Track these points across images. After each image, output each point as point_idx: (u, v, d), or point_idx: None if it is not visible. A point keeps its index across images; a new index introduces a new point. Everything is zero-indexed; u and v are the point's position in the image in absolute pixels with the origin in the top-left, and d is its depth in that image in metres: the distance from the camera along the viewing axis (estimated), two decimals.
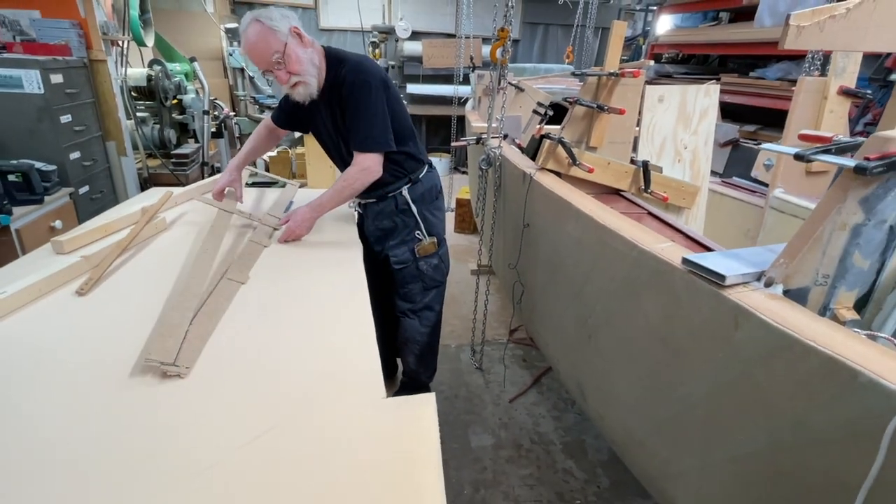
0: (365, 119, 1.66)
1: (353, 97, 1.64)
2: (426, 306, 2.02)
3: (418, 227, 1.89)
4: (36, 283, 1.35)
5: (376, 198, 1.88)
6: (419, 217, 1.87)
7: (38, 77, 2.42)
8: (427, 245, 1.91)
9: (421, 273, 1.94)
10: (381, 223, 1.92)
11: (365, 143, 1.69)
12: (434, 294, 2.03)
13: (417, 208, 1.86)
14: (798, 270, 0.95)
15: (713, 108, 2.11)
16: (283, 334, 1.22)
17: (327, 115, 1.78)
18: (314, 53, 1.65)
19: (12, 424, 0.90)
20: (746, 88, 4.36)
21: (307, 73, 1.62)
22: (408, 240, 1.90)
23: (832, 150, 0.95)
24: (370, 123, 1.66)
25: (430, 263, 1.94)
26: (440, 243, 1.96)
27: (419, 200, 1.87)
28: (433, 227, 1.93)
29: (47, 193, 2.39)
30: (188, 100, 3.95)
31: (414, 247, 1.90)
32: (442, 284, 2.05)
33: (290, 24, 1.60)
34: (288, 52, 1.58)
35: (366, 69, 1.66)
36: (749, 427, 0.95)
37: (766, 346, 0.88)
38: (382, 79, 1.70)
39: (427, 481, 0.80)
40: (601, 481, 1.97)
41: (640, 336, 1.26)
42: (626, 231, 1.28)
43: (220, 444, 0.86)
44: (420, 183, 1.89)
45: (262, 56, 1.59)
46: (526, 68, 5.40)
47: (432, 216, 1.93)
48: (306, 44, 1.63)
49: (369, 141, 1.68)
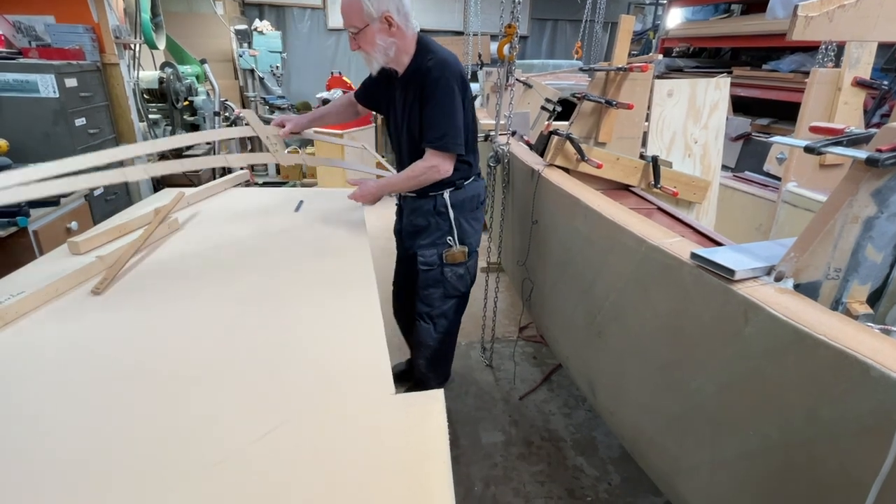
0: (443, 117, 1.65)
1: (435, 93, 1.63)
2: (443, 314, 2.00)
3: (451, 233, 1.85)
4: (53, 283, 1.38)
5: (417, 194, 1.86)
6: (454, 222, 1.84)
7: (54, 81, 2.46)
8: (456, 253, 1.87)
9: (444, 279, 1.91)
10: (415, 219, 1.90)
11: (440, 142, 1.67)
12: (453, 303, 2.00)
13: (455, 214, 1.83)
14: (809, 264, 0.94)
15: (724, 102, 2.09)
16: (291, 331, 1.23)
17: (400, 100, 1.77)
18: (394, 44, 1.64)
19: (31, 421, 0.92)
20: (759, 81, 4.29)
21: (374, 58, 1.66)
22: (438, 243, 1.87)
23: (844, 143, 0.94)
24: (449, 123, 1.65)
25: (455, 272, 1.91)
26: (470, 254, 1.92)
27: (458, 206, 1.84)
28: (466, 235, 1.89)
29: (63, 195, 2.44)
30: (199, 101, 4.00)
31: (443, 251, 1.87)
32: (464, 296, 2.02)
33: (385, 8, 1.57)
34: (365, 32, 1.60)
35: (451, 67, 1.66)
36: (760, 422, 0.95)
37: (776, 341, 0.87)
38: (463, 81, 1.70)
39: (436, 477, 0.81)
40: (612, 478, 1.97)
41: (650, 332, 1.26)
42: (635, 227, 1.28)
43: (231, 441, 0.88)
44: (463, 189, 1.85)
45: (345, 18, 1.63)
46: (534, 64, 5.37)
47: (468, 224, 1.89)
48: (394, 33, 1.62)
49: (445, 140, 1.66)
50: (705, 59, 5.48)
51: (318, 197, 2.35)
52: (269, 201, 2.33)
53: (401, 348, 2.70)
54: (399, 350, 2.69)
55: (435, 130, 1.66)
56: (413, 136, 1.76)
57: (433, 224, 1.86)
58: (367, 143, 4.90)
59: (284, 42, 6.17)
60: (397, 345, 2.74)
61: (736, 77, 4.36)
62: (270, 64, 5.80)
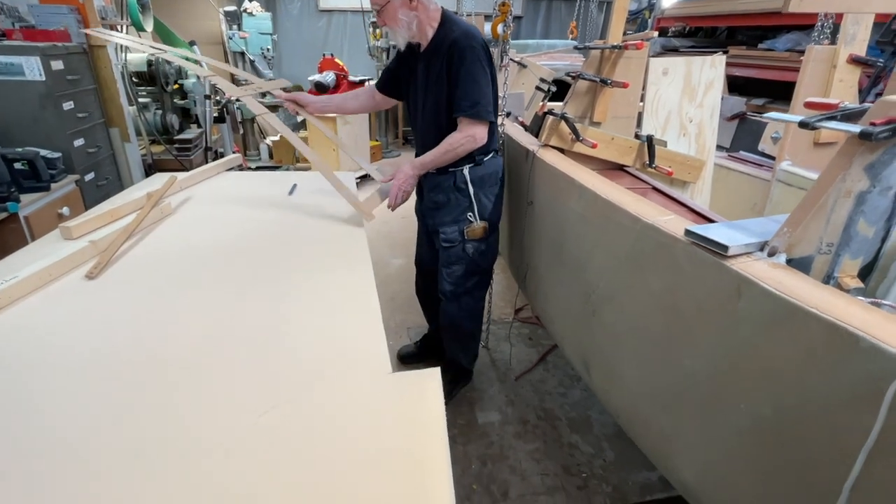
0: (475, 85, 1.65)
1: (464, 62, 1.63)
2: (467, 291, 2.00)
3: (471, 209, 1.85)
4: (46, 268, 1.37)
5: (437, 170, 1.86)
6: (474, 198, 1.84)
7: (39, 64, 2.41)
8: (477, 228, 1.87)
9: (467, 255, 1.91)
10: (435, 196, 1.90)
11: (472, 110, 1.66)
12: (476, 280, 2.01)
13: (474, 190, 1.83)
14: (801, 239, 0.94)
15: (719, 80, 2.08)
16: (288, 313, 1.23)
17: (423, 73, 1.77)
18: (416, 17, 1.67)
19: (25, 405, 0.93)
20: (755, 61, 4.27)
21: (397, 32, 1.69)
22: (459, 219, 1.87)
23: (838, 117, 0.94)
24: (480, 91, 1.66)
25: (477, 247, 1.91)
26: (491, 230, 1.93)
27: (478, 182, 1.83)
28: (486, 211, 1.88)
29: (53, 181, 2.40)
30: (189, 84, 3.93)
31: (464, 227, 1.87)
32: (486, 273, 2.03)
33: None
34: (387, 8, 1.64)
35: (477, 38, 1.67)
36: (751, 396, 0.96)
37: (768, 315, 0.88)
38: (487, 52, 1.71)
39: (433, 453, 0.81)
40: (607, 455, 2.00)
41: (644, 309, 1.27)
42: (630, 205, 1.28)
43: (228, 423, 0.88)
44: (483, 166, 1.84)
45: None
46: (529, 45, 5.31)
47: (487, 200, 1.88)
48: (415, 7, 1.66)
49: (478, 108, 1.66)
50: (701, 38, 5.43)
51: (312, 180, 2.33)
52: (262, 185, 2.31)
53: (409, 329, 2.72)
54: (407, 332, 2.71)
55: (467, 99, 1.65)
56: (437, 107, 1.76)
57: (453, 200, 1.86)
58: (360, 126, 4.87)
59: (275, 24, 6.05)
60: (403, 326, 2.76)
61: (732, 57, 4.32)
62: (261, 46, 5.69)
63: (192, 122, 4.12)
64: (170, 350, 1.08)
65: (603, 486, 1.86)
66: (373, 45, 6.25)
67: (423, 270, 2.29)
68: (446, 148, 1.72)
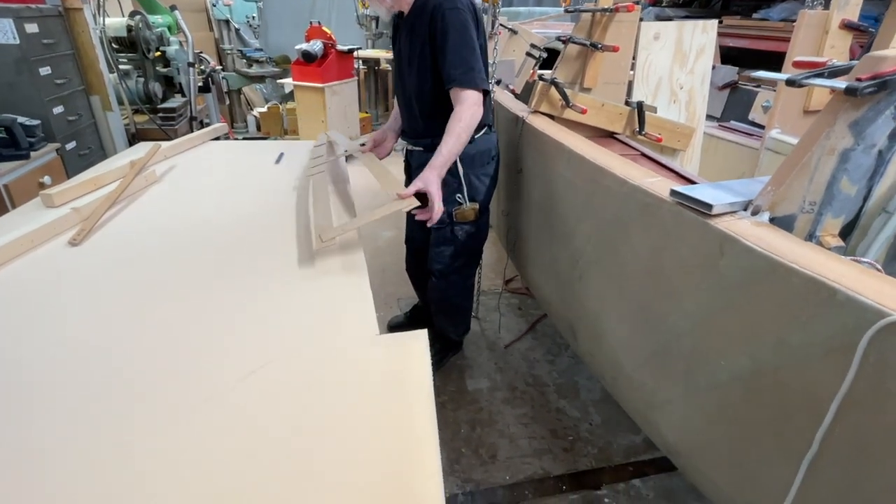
0: (465, 50, 1.53)
1: (449, 27, 1.51)
2: (455, 270, 1.95)
3: (460, 191, 1.75)
4: (28, 234, 1.35)
5: (424, 147, 1.77)
6: (464, 180, 1.74)
7: (13, 26, 2.32)
8: (467, 211, 1.79)
9: (455, 238, 1.85)
10: None
11: (467, 78, 1.52)
12: (464, 260, 1.95)
13: (464, 170, 1.72)
14: (784, 198, 0.95)
15: (710, 46, 2.06)
16: (275, 277, 1.23)
17: (406, 42, 1.67)
18: None
19: (14, 366, 0.93)
20: (749, 31, 4.22)
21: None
22: (448, 201, 1.73)
23: (825, 74, 0.93)
24: (472, 56, 1.53)
25: (465, 230, 1.84)
26: (482, 212, 1.84)
27: (468, 162, 1.72)
28: (477, 192, 1.79)
29: (33, 149, 2.34)
30: (172, 51, 3.81)
31: (452, 210, 1.78)
32: (476, 253, 1.98)
33: None
34: None
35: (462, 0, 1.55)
36: (731, 352, 0.98)
37: (749, 272, 0.90)
38: (475, 11, 1.59)
39: (419, 412, 0.82)
40: (593, 419, 2.05)
41: (630, 272, 1.28)
42: (617, 168, 1.28)
43: (217, 380, 0.89)
44: (474, 143, 1.69)
45: None
46: (521, 12, 5.20)
47: (478, 181, 1.78)
48: None
49: (472, 75, 1.53)
50: (696, 8, 5.34)
51: (298, 149, 2.30)
52: (249, 154, 2.28)
53: (399, 301, 2.73)
54: (397, 303, 2.72)
55: (459, 67, 1.52)
56: (422, 76, 1.65)
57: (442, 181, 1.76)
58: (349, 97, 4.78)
59: None
60: (394, 297, 2.77)
61: (725, 27, 4.27)
62: (246, 14, 5.53)
63: (177, 92, 4.02)
64: (155, 314, 1.08)
65: (588, 449, 1.90)
66: (361, 14, 6.08)
67: (412, 248, 2.25)
68: (460, 129, 1.52)
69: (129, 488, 0.69)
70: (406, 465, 0.73)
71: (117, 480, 0.70)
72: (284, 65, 5.65)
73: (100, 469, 0.72)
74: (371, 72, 6.23)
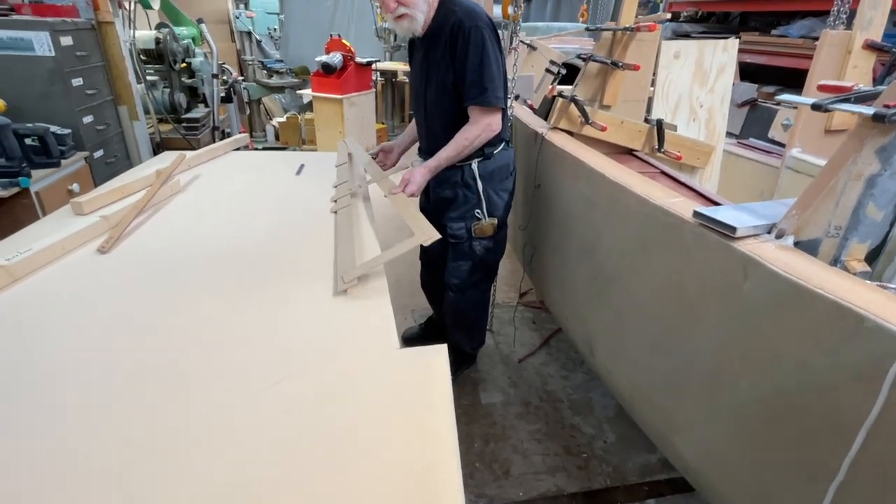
0: (484, 70, 1.55)
1: (470, 46, 1.53)
2: (472, 285, 1.95)
3: (479, 206, 1.76)
4: (59, 241, 1.39)
5: None
6: (483, 195, 1.75)
7: (49, 39, 2.41)
8: (485, 226, 1.80)
9: (473, 253, 1.85)
10: (442, 192, 1.82)
11: (483, 97, 1.57)
12: (481, 275, 1.95)
13: (483, 186, 1.73)
14: (810, 222, 0.95)
15: (731, 65, 2.06)
16: (297, 289, 1.25)
17: (423, 60, 1.69)
18: None
19: (41, 371, 0.95)
20: (768, 47, 4.20)
21: (417, 6, 1.55)
22: (467, 216, 1.79)
23: (851, 100, 0.93)
24: (490, 76, 1.56)
25: (483, 245, 1.84)
26: (500, 226, 1.85)
27: (487, 178, 1.74)
28: (496, 208, 1.80)
29: (63, 157, 2.42)
30: (197, 63, 3.91)
31: (471, 225, 1.79)
32: (493, 268, 1.98)
33: None
34: None
35: (482, 16, 1.57)
36: (753, 375, 0.97)
37: (774, 296, 0.89)
38: (494, 30, 1.61)
39: (440, 426, 0.83)
40: (607, 436, 2.03)
41: (650, 291, 1.28)
42: (638, 187, 1.28)
43: (240, 390, 0.91)
44: (493, 159, 1.74)
45: None
46: (538, 27, 5.24)
47: (497, 196, 1.79)
48: None
49: (488, 95, 1.57)
50: (713, 24, 5.35)
51: (318, 161, 2.34)
52: (270, 164, 2.32)
53: (413, 312, 2.74)
54: (412, 314, 2.73)
55: (477, 86, 1.56)
56: (442, 93, 1.67)
57: (461, 196, 1.78)
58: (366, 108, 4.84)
59: (282, 3, 5.99)
60: (408, 309, 2.78)
61: (744, 43, 4.25)
62: (268, 26, 5.65)
63: (200, 102, 4.11)
64: (181, 322, 1.11)
65: (603, 467, 1.88)
66: (380, 27, 6.19)
67: (428, 264, 2.25)
68: (463, 143, 1.61)
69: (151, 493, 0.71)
70: (429, 478, 0.73)
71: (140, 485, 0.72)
72: (303, 76, 5.75)
73: (127, 474, 0.74)
74: (388, 83, 6.32)
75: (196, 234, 1.55)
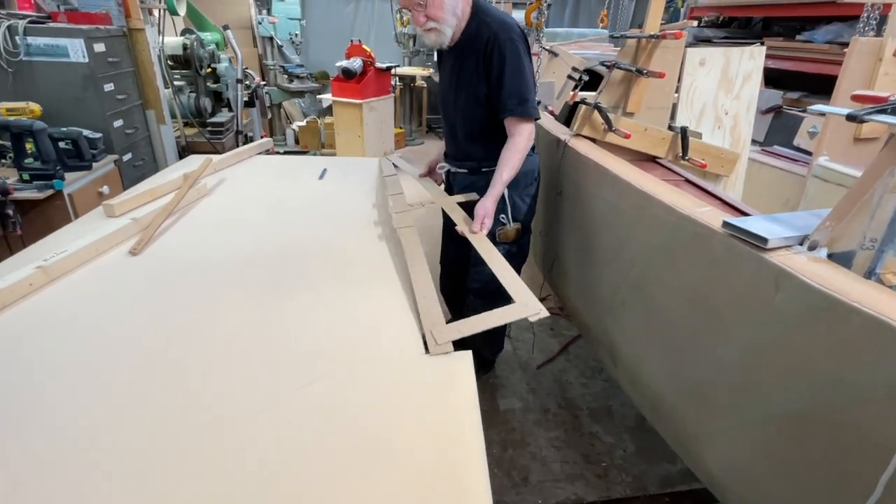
0: (520, 81, 1.56)
1: (506, 58, 1.54)
2: (495, 290, 1.98)
3: (504, 211, 1.76)
4: (93, 243, 1.43)
5: (468, 169, 1.79)
6: (508, 200, 1.74)
7: (83, 46, 2.49)
8: (509, 231, 1.79)
9: None
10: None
11: (521, 108, 1.57)
12: None
13: (508, 191, 1.73)
14: (844, 234, 0.94)
15: (757, 72, 2.04)
16: (324, 292, 1.27)
17: (455, 69, 1.69)
18: (460, 1, 1.57)
19: (79, 367, 0.98)
20: (792, 53, 4.13)
21: (446, 21, 1.55)
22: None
23: (888, 111, 0.92)
24: (526, 87, 1.57)
25: (506, 250, 1.82)
26: (524, 231, 1.85)
27: (513, 183, 1.73)
28: (520, 212, 1.80)
29: (95, 160, 2.49)
30: (222, 68, 4.00)
31: (496, 229, 1.77)
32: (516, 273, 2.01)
33: None
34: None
35: (514, 28, 1.58)
36: (784, 389, 0.96)
37: (807, 309, 0.88)
38: (526, 41, 1.62)
39: (467, 429, 0.84)
40: (627, 446, 2.01)
41: (676, 300, 1.27)
42: (665, 196, 1.28)
43: (269, 391, 0.92)
44: None
45: None
46: (558, 33, 5.24)
47: (521, 201, 1.80)
48: None
49: (527, 106, 1.57)
50: (735, 29, 5.28)
51: (340, 165, 2.37)
52: (293, 168, 2.36)
53: None
54: None
55: (515, 98, 1.56)
56: (473, 104, 1.67)
57: None
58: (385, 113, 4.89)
59: (304, 9, 6.09)
60: None
61: (767, 48, 4.17)
62: (289, 31, 5.74)
63: (224, 106, 4.19)
64: (210, 323, 1.13)
65: (623, 476, 1.87)
66: (400, 32, 6.25)
67: (448, 270, 2.25)
68: (517, 157, 1.61)
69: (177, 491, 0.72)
70: (456, 482, 0.74)
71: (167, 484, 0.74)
72: (323, 80, 5.83)
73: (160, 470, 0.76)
74: (406, 88, 6.36)
75: (223, 237, 1.58)
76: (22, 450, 0.79)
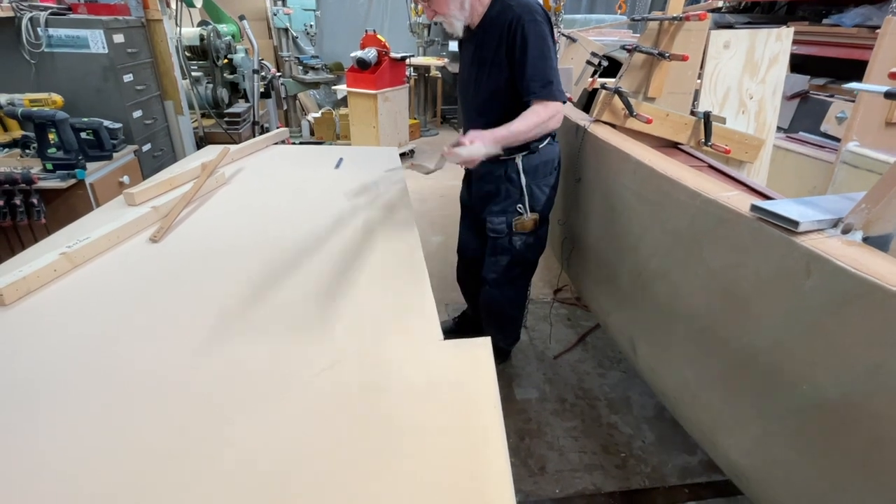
0: (545, 63, 1.54)
1: (529, 40, 1.51)
2: (509, 281, 1.94)
3: (521, 201, 1.75)
4: (115, 231, 1.45)
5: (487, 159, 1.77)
6: (525, 190, 1.73)
7: (103, 37, 2.51)
8: (526, 221, 1.78)
9: (513, 248, 1.84)
10: (484, 186, 1.82)
11: (546, 90, 1.54)
12: (520, 271, 1.94)
13: (526, 180, 1.72)
14: (881, 217, 0.90)
15: (784, 54, 1.97)
16: (341, 280, 1.27)
17: (475, 53, 1.68)
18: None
19: (103, 352, 0.99)
20: (818, 37, 4.00)
21: (451, 16, 1.58)
22: (508, 211, 1.78)
23: None
24: (550, 68, 1.55)
25: (523, 240, 1.82)
26: (541, 222, 1.83)
27: (531, 172, 1.72)
28: (538, 203, 1.78)
29: (115, 150, 2.52)
30: (238, 59, 4.01)
31: (512, 220, 1.78)
32: (532, 264, 1.96)
33: None
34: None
35: (538, 9, 1.56)
36: (816, 376, 0.93)
37: (841, 294, 0.85)
38: (550, 22, 1.60)
39: (487, 415, 0.84)
40: (646, 436, 1.99)
41: (700, 287, 1.24)
42: (689, 181, 1.24)
43: (287, 378, 0.92)
44: (538, 153, 1.72)
45: None
46: (576, 19, 5.15)
47: (540, 191, 1.77)
48: None
49: (552, 88, 1.54)
50: (758, 14, 5.13)
51: (356, 154, 2.37)
52: (309, 158, 2.36)
53: (447, 306, 2.74)
54: (445, 308, 2.73)
55: (540, 80, 1.53)
56: (494, 87, 1.65)
57: (503, 191, 1.76)
58: (400, 104, 4.86)
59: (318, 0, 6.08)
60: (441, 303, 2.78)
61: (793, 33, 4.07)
62: (304, 22, 5.74)
63: (241, 97, 4.21)
64: (232, 307, 1.14)
65: (642, 467, 1.85)
66: (414, 22, 6.20)
67: (465, 259, 2.23)
68: (535, 121, 1.53)
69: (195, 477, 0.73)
70: (476, 468, 0.74)
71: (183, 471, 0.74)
72: (338, 71, 5.83)
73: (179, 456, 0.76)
74: (421, 78, 6.33)
75: (240, 224, 1.59)
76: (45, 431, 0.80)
